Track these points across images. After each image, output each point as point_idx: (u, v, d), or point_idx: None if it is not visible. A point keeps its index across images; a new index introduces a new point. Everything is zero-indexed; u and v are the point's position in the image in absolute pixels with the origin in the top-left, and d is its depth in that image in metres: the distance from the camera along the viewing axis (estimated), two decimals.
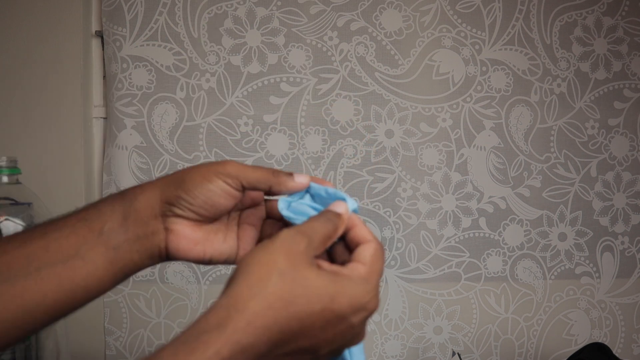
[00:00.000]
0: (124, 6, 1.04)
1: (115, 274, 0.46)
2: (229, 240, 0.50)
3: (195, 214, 0.47)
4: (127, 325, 1.08)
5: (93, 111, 1.11)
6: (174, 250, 0.47)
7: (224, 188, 0.46)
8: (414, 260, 1.12)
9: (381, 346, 1.12)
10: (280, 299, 0.37)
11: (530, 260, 1.14)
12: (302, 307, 0.38)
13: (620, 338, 1.18)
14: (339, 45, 1.09)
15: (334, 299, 0.39)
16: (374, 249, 0.44)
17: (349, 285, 0.41)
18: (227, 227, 0.50)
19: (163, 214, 0.47)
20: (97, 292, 0.47)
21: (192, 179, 0.46)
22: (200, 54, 1.06)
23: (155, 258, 0.48)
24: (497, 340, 1.15)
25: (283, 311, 0.37)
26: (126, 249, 0.46)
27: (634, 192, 1.17)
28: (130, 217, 0.46)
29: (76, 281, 0.45)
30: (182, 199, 0.46)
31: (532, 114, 1.13)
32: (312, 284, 0.39)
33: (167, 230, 0.47)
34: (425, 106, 1.11)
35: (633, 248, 1.17)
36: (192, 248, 0.48)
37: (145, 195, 0.47)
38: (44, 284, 0.43)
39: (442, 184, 1.12)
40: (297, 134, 1.09)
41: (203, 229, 0.48)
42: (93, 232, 0.45)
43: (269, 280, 0.38)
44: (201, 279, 1.08)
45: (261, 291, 0.37)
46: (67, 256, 0.44)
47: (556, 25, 1.13)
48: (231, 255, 0.50)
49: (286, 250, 0.39)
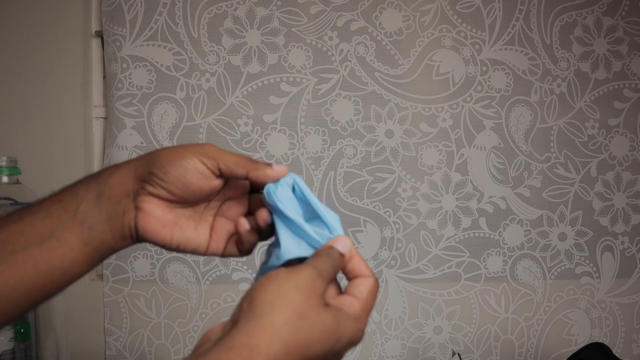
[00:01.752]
0: (124, 6, 1.04)
1: (90, 254, 0.46)
2: (200, 230, 0.49)
3: (168, 192, 0.46)
4: (127, 325, 1.08)
5: (93, 111, 1.11)
6: (142, 230, 0.47)
7: (198, 167, 0.46)
8: (414, 260, 1.12)
9: (381, 346, 1.12)
10: (299, 345, 0.38)
11: (530, 260, 1.14)
12: (315, 351, 0.39)
13: (620, 338, 1.18)
14: (339, 45, 1.09)
15: (339, 339, 0.41)
16: (371, 285, 0.44)
17: (348, 324, 0.41)
18: (202, 216, 0.49)
19: (135, 192, 0.46)
20: (74, 274, 0.47)
21: (165, 156, 0.46)
22: (200, 54, 1.06)
23: (126, 238, 0.47)
24: (497, 340, 1.15)
25: (299, 356, 0.39)
26: (100, 229, 0.45)
27: (634, 192, 1.17)
28: (104, 195, 0.45)
29: (52, 263, 0.44)
30: (154, 174, 0.45)
31: (532, 114, 1.13)
32: (326, 328, 0.39)
33: (137, 209, 0.46)
34: (425, 106, 1.11)
35: (633, 248, 1.17)
36: (160, 230, 0.47)
37: (119, 174, 0.46)
38: (19, 267, 0.43)
39: (442, 184, 1.12)
40: (297, 134, 1.09)
41: (174, 212, 0.48)
42: (68, 213, 0.45)
43: (292, 323, 0.38)
44: (201, 279, 1.08)
45: (284, 336, 0.38)
46: (42, 238, 0.44)
47: (556, 25, 1.13)
48: (200, 246, 0.49)
49: (308, 293, 0.40)
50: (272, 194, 0.46)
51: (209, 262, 1.08)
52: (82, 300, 1.07)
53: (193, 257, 1.08)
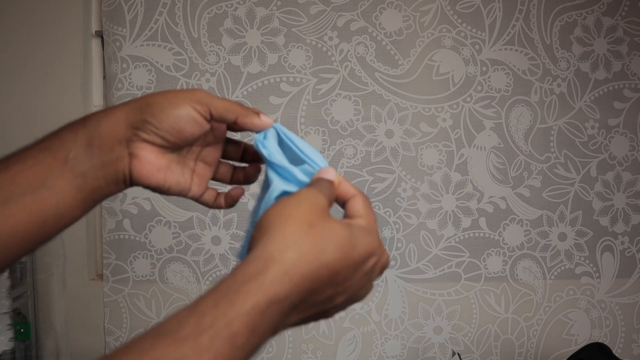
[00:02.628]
0: (124, 6, 1.04)
1: (84, 200, 0.47)
2: (185, 173, 0.51)
3: (162, 139, 0.47)
4: (127, 325, 1.08)
5: (93, 111, 1.11)
6: (137, 176, 0.48)
7: (191, 114, 0.47)
8: (414, 260, 1.12)
9: (381, 346, 1.12)
10: (313, 249, 0.39)
11: (530, 260, 1.14)
12: (331, 255, 0.39)
13: (620, 338, 1.18)
14: (339, 45, 1.09)
15: (355, 246, 0.41)
16: (362, 201, 0.45)
17: (360, 233, 0.42)
18: (185, 160, 0.51)
19: (128, 139, 0.47)
20: (68, 220, 0.47)
21: (159, 103, 0.46)
22: (200, 54, 1.06)
23: (120, 184, 0.48)
24: (497, 340, 1.15)
25: (315, 260, 0.39)
26: (93, 176, 0.46)
27: (634, 192, 1.17)
28: (95, 143, 0.46)
29: (46, 211, 0.45)
30: (148, 122, 0.46)
31: (532, 114, 1.13)
32: (337, 234, 0.40)
33: (132, 156, 0.47)
34: (425, 106, 1.11)
35: (633, 248, 1.17)
36: (155, 174, 0.48)
37: (109, 120, 0.47)
38: (13, 216, 0.43)
39: (442, 184, 1.12)
40: (297, 134, 1.09)
41: (166, 157, 0.49)
42: (58, 161, 0.45)
43: (301, 231, 0.39)
44: (201, 279, 1.08)
45: (296, 242, 0.38)
46: (35, 187, 0.44)
47: (556, 25, 1.13)
48: (184, 189, 0.51)
49: (311, 205, 0.41)
50: (260, 144, 0.48)
51: (209, 262, 1.09)
52: (82, 300, 1.07)
53: (193, 257, 1.08)
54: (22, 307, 0.92)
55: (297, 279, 0.38)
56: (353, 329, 1.12)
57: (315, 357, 1.11)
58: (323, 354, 1.12)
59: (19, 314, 0.91)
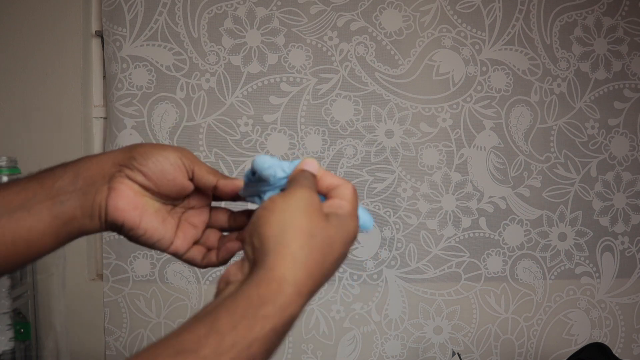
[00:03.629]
0: (124, 6, 1.04)
1: (58, 228, 0.47)
2: (167, 225, 0.51)
3: (144, 177, 0.48)
4: (127, 325, 1.08)
5: (93, 111, 1.11)
6: (112, 209, 0.48)
7: (177, 161, 0.49)
8: (414, 260, 1.12)
9: (381, 346, 1.12)
10: (316, 263, 0.41)
11: (530, 260, 1.14)
12: (329, 262, 0.42)
13: (620, 338, 1.18)
14: (339, 45, 1.09)
15: (346, 244, 0.43)
16: (350, 189, 0.47)
17: (346, 225, 0.44)
18: (169, 214, 0.52)
19: (112, 175, 0.48)
20: (38, 248, 0.47)
21: (149, 146, 0.49)
22: (200, 54, 1.06)
23: (95, 218, 0.48)
24: (497, 340, 1.15)
25: (318, 273, 0.41)
26: (71, 204, 0.47)
27: (634, 192, 1.17)
28: (80, 175, 0.48)
29: (19, 233, 0.46)
30: (134, 159, 0.48)
31: (532, 114, 1.13)
32: (333, 240, 0.42)
33: (110, 189, 0.48)
34: (425, 106, 1.11)
35: (633, 248, 1.17)
36: (130, 210, 0.49)
37: (100, 158, 0.49)
38: None
39: (442, 184, 1.12)
40: (297, 134, 1.09)
41: (145, 199, 0.50)
42: (44, 189, 0.47)
43: (306, 246, 0.41)
44: (201, 279, 1.08)
45: (304, 260, 0.40)
46: (14, 208, 0.45)
47: (556, 25, 1.12)
48: (165, 239, 0.51)
49: (310, 211, 0.42)
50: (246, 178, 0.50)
51: None
52: (82, 300, 1.07)
53: None
54: (22, 307, 0.92)
55: (306, 295, 0.40)
56: (353, 329, 1.12)
57: (315, 357, 1.11)
58: (323, 354, 1.12)
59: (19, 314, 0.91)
